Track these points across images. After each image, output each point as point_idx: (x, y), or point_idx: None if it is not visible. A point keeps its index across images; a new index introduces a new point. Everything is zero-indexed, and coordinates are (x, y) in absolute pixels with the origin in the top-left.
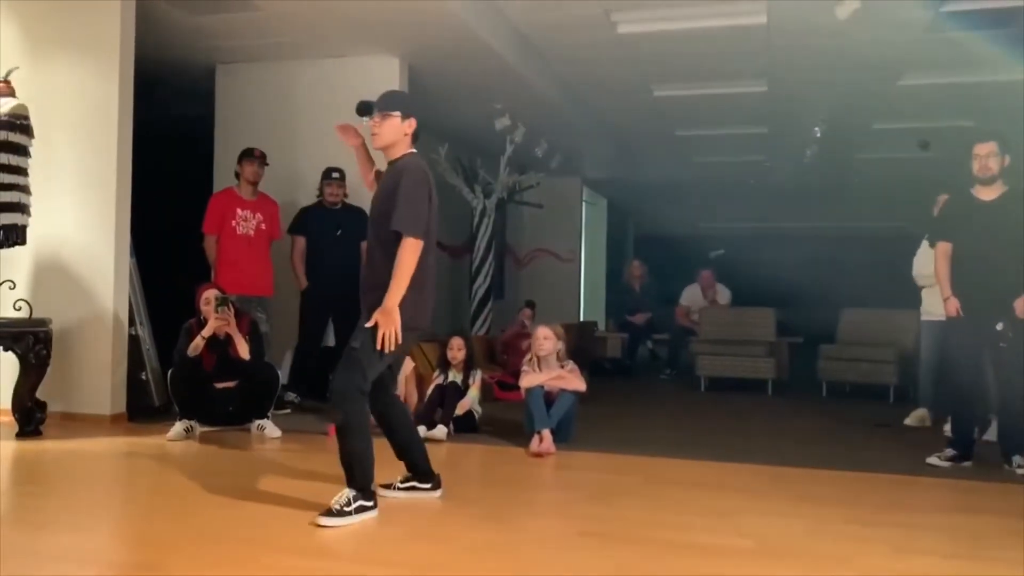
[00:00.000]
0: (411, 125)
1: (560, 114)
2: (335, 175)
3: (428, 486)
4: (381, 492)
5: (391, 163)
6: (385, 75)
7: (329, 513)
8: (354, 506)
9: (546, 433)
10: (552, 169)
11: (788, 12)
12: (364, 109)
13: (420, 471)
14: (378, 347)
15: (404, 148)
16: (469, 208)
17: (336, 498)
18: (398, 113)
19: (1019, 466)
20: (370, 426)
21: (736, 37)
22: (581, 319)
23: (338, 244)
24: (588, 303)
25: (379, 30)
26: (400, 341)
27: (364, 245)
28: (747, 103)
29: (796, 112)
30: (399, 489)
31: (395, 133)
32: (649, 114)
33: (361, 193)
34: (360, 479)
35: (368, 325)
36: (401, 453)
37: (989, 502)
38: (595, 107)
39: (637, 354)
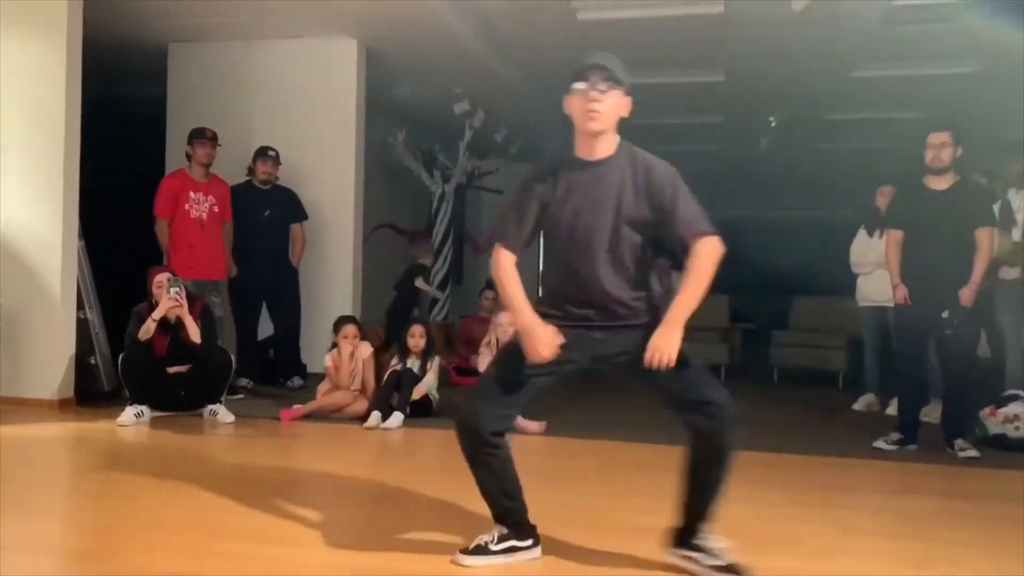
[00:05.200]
0: (628, 107)
1: (520, 100)
2: (270, 153)
3: (529, 543)
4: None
5: (597, 163)
6: (342, 57)
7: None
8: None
9: (517, 417)
10: (512, 155)
11: (745, 2)
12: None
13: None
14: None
15: (613, 139)
16: (427, 193)
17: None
18: (623, 88)
19: (961, 449)
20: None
21: (694, 26)
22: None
23: (266, 226)
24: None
25: (336, 11)
26: None
27: (293, 228)
28: (704, 92)
29: (752, 102)
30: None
31: (617, 113)
32: None
33: (292, 176)
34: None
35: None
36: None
37: (933, 484)
38: (556, 93)
39: None
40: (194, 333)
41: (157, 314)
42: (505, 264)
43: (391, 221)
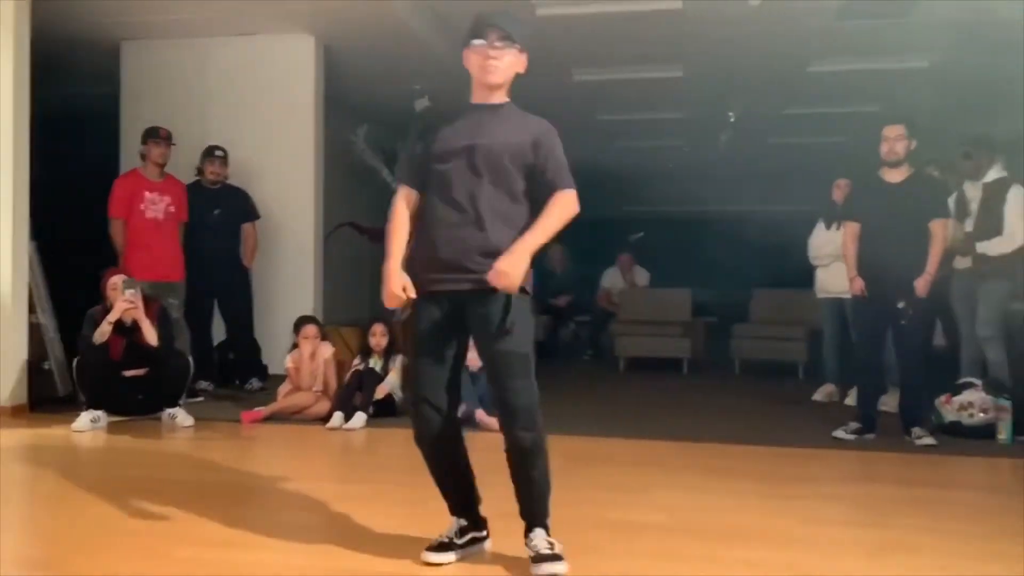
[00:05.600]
0: (523, 64)
1: None
2: (218, 153)
3: (484, 533)
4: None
5: (490, 106)
6: (300, 54)
7: (550, 559)
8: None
9: (479, 412)
10: None
11: None
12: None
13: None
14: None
15: (506, 95)
16: (389, 191)
17: (538, 543)
18: (518, 46)
19: (918, 437)
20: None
21: (652, 21)
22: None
23: (216, 226)
24: None
25: (292, 8)
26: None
27: (244, 227)
28: (664, 88)
29: (711, 97)
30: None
31: (512, 70)
32: (570, 98)
33: (243, 174)
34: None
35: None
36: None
37: (891, 472)
38: (517, 90)
39: (560, 336)
40: (150, 336)
41: (112, 317)
42: (399, 206)
43: (352, 220)
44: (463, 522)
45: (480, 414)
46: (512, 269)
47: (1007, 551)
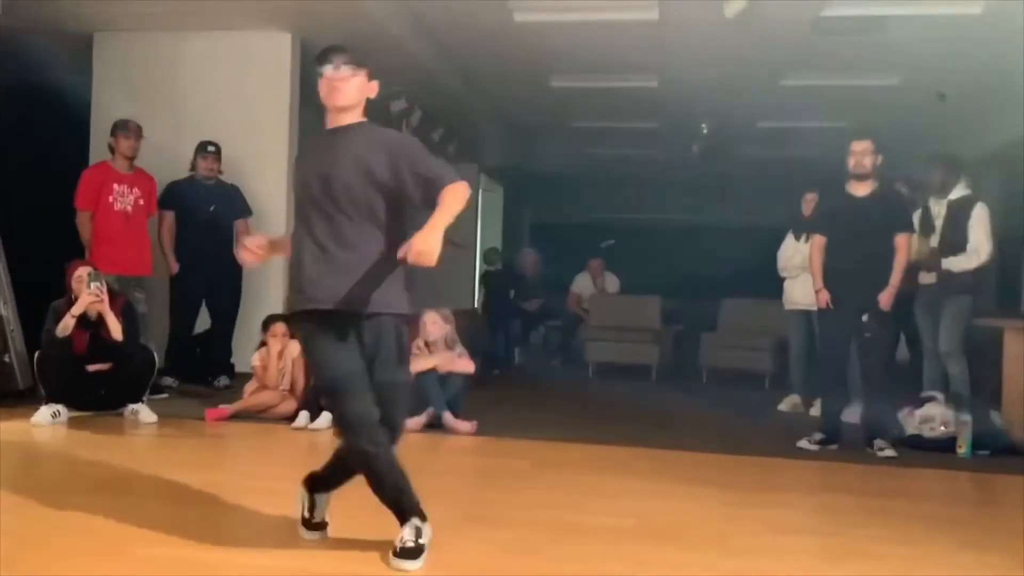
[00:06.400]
0: (373, 89)
1: (457, 99)
2: (210, 148)
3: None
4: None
5: (340, 128)
6: (275, 51)
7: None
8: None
9: (447, 415)
10: (449, 155)
11: (679, 9)
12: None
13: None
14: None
15: (359, 116)
16: None
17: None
18: (366, 71)
19: (880, 449)
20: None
21: (629, 31)
22: (476, 305)
23: (210, 222)
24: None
25: (268, 3)
26: None
27: (237, 224)
28: (639, 97)
29: (685, 108)
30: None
31: (362, 93)
32: (547, 104)
33: (236, 171)
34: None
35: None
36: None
37: (853, 482)
38: (493, 95)
39: (530, 340)
40: (115, 330)
41: (76, 310)
42: None
43: None
44: (417, 522)
45: (447, 417)
46: (427, 246)
47: (964, 560)
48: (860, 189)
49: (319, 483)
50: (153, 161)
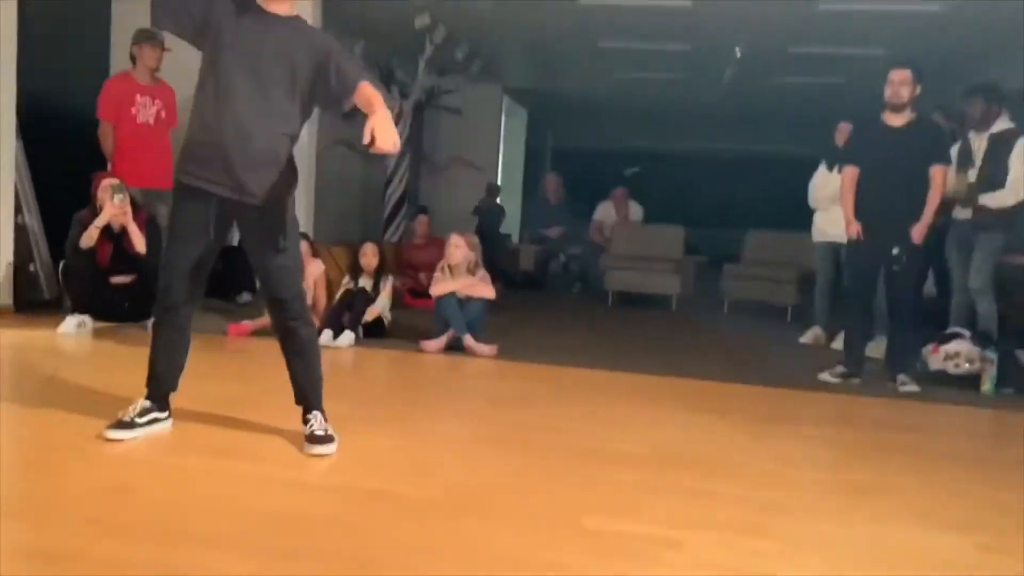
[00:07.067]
0: None
1: (483, 16)
2: None
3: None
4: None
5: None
6: None
7: (324, 440)
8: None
9: (468, 338)
10: (472, 74)
11: None
12: None
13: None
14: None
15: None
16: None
17: (314, 424)
18: None
19: (903, 384)
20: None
21: None
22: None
23: None
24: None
25: None
26: None
27: None
28: (671, 17)
29: (718, 31)
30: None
31: None
32: (574, 22)
33: None
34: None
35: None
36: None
37: (873, 416)
38: (519, 12)
39: (550, 268)
40: (138, 243)
41: (100, 221)
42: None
43: (345, 138)
44: (147, 403)
45: (468, 339)
46: (391, 134)
47: (983, 496)
48: (897, 120)
49: (301, 399)
50: (172, 72)
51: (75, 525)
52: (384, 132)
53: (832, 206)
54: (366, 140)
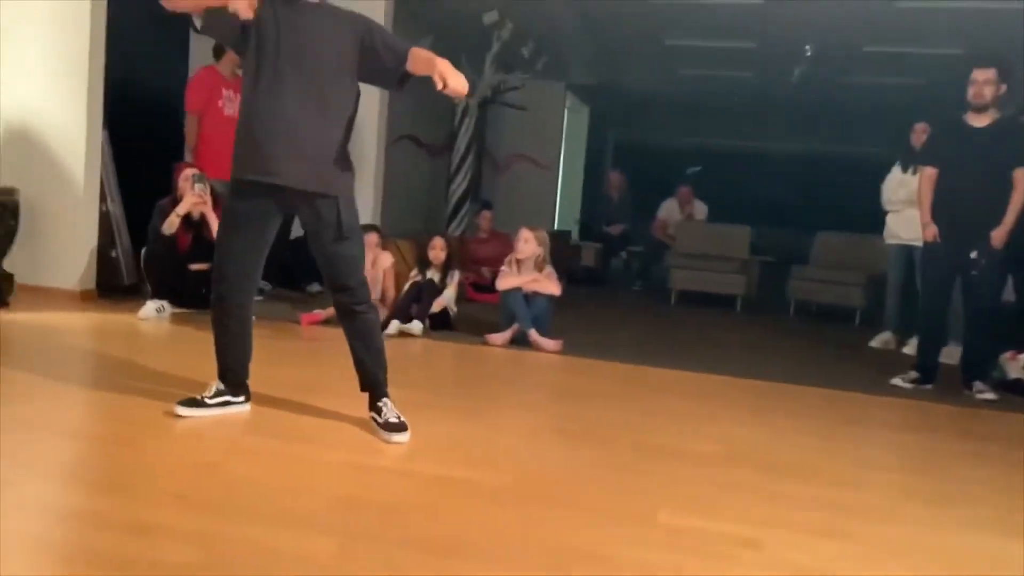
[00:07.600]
0: None
1: (550, 13)
2: None
3: (242, 399)
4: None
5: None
6: None
7: (399, 427)
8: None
9: (533, 333)
10: (537, 71)
11: None
12: None
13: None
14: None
15: None
16: (450, 106)
17: (387, 413)
18: None
19: (979, 391)
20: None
21: None
22: (555, 227)
23: None
24: (564, 212)
25: None
26: None
27: None
28: (740, 14)
29: (789, 28)
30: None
31: None
32: (641, 19)
33: None
34: None
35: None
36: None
37: (949, 424)
38: (587, 8)
39: (611, 265)
40: (217, 232)
41: (181, 209)
42: None
43: (411, 133)
44: (221, 386)
45: (533, 334)
46: (460, 78)
47: None
48: (979, 120)
49: (367, 385)
50: None
51: (164, 499)
52: (454, 75)
53: (905, 208)
54: (439, 86)
